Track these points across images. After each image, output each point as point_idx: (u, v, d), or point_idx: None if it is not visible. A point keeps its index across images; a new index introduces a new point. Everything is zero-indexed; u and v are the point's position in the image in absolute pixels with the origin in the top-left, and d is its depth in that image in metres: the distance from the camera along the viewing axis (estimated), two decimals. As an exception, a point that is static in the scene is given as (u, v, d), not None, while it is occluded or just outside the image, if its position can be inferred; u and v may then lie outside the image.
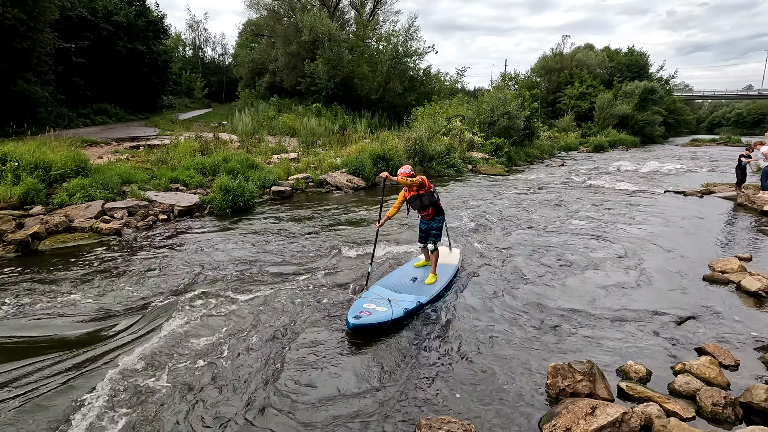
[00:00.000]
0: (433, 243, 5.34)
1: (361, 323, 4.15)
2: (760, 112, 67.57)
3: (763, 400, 3.11)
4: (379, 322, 4.20)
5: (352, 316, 4.21)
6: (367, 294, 4.76)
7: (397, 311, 4.35)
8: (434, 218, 5.43)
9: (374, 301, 4.55)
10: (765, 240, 7.80)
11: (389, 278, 5.36)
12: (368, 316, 4.23)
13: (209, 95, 43.37)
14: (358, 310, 4.34)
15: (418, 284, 5.20)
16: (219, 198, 9.40)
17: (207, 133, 17.31)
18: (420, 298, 4.77)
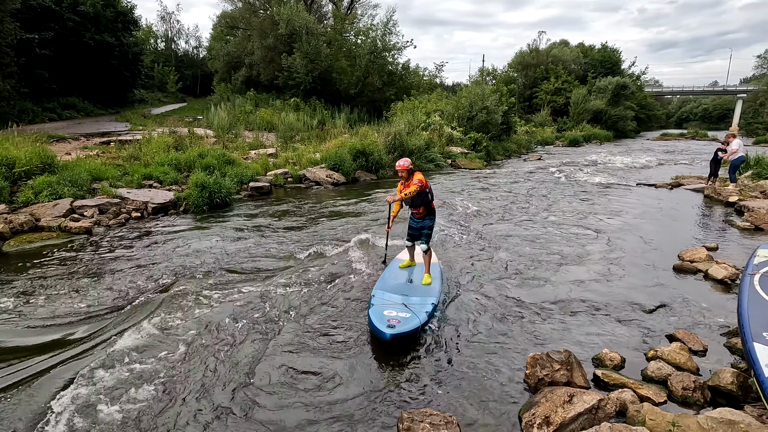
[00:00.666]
0: (426, 243, 5.13)
1: (399, 333, 3.79)
2: (724, 107, 70.40)
3: (729, 383, 3.25)
4: (413, 328, 3.91)
5: (384, 327, 3.82)
6: (377, 301, 4.41)
7: (422, 316, 4.10)
8: (426, 217, 5.20)
9: (392, 307, 4.24)
10: (730, 230, 8.14)
11: (385, 282, 5.02)
12: (400, 324, 3.88)
13: (183, 89, 42.17)
14: (384, 320, 3.94)
15: (418, 286, 4.92)
16: (195, 194, 9.18)
17: (181, 128, 16.87)
18: (430, 299, 4.52)
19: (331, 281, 5.46)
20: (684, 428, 2.69)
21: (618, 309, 4.77)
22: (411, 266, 5.49)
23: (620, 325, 4.41)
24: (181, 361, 3.69)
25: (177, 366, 3.61)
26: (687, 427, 2.70)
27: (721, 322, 4.44)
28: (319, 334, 4.21)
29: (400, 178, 5.11)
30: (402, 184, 5.12)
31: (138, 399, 3.20)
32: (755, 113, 48.26)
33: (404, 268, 5.45)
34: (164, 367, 3.60)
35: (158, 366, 3.60)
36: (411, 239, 5.44)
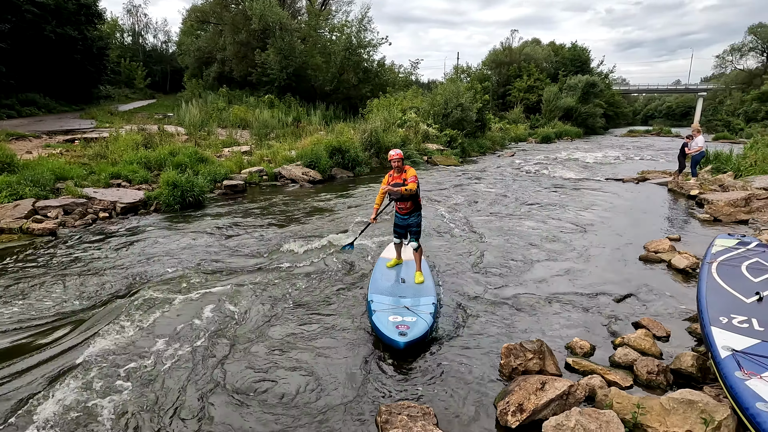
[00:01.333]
0: (416, 241, 4.99)
1: (412, 339, 3.67)
2: (686, 105, 73.51)
3: (689, 366, 3.42)
4: (424, 332, 3.80)
5: (396, 335, 3.68)
6: (377, 306, 4.21)
7: (428, 318, 3.99)
8: (413, 213, 5.01)
9: (394, 312, 4.10)
10: (692, 221, 8.54)
11: (377, 284, 4.80)
12: (410, 330, 3.76)
13: (152, 85, 40.85)
14: (392, 327, 3.81)
15: (412, 286, 4.78)
16: (166, 193, 8.94)
17: (151, 126, 16.37)
18: (430, 299, 4.41)
19: (308, 279, 5.44)
20: (648, 410, 2.83)
21: (588, 299, 4.94)
22: (398, 265, 5.33)
23: (590, 314, 4.57)
24: (153, 363, 3.60)
25: (150, 368, 3.53)
26: (650, 408, 2.84)
27: (683, 308, 4.66)
28: (295, 331, 4.19)
29: (393, 168, 4.89)
30: (391, 176, 4.92)
31: (105, 406, 3.11)
32: (714, 111, 50.67)
33: (392, 268, 5.27)
34: (136, 370, 3.51)
35: (129, 370, 3.51)
36: (398, 237, 5.22)
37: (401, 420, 2.78)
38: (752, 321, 3.28)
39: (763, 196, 9.29)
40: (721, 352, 2.97)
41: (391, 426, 2.76)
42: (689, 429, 2.65)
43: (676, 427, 2.70)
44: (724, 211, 8.53)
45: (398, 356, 3.74)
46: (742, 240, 5.07)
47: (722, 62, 56.76)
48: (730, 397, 2.68)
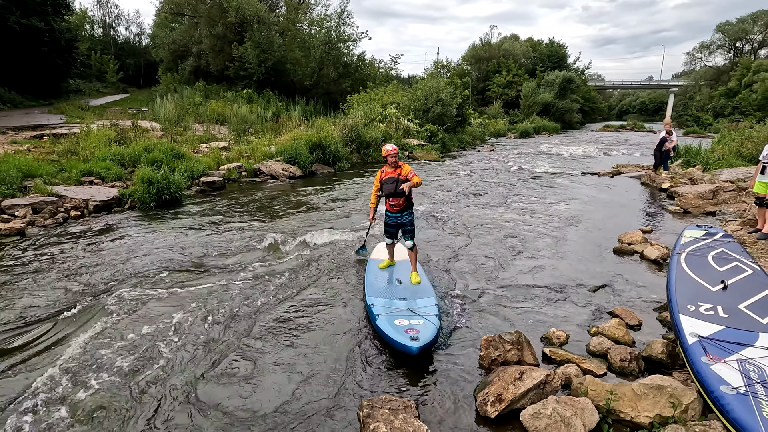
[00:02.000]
0: (411, 239, 4.87)
1: (425, 344, 3.54)
2: (659, 101, 75.67)
3: (660, 353, 3.56)
4: (435, 335, 3.69)
5: (407, 340, 3.54)
6: (379, 310, 4.09)
7: (434, 319, 3.89)
8: (405, 211, 4.89)
9: (399, 315, 3.98)
10: (663, 213, 8.83)
11: (374, 287, 4.68)
12: (421, 334, 3.64)
13: (125, 79, 39.57)
14: (401, 331, 3.68)
15: (410, 287, 4.69)
16: (141, 191, 8.71)
17: (124, 121, 15.90)
18: (432, 299, 4.33)
19: (290, 276, 5.40)
20: (620, 396, 2.93)
21: (565, 290, 5.07)
22: (391, 266, 5.19)
23: (567, 305, 4.69)
24: (127, 367, 3.53)
25: (124, 371, 3.46)
26: (623, 394, 2.94)
27: (654, 298, 4.83)
28: (275, 329, 4.16)
29: (387, 164, 4.79)
30: (384, 171, 4.82)
31: (85, 406, 3.04)
32: (685, 106, 52.36)
33: (385, 269, 5.15)
34: (109, 372, 3.43)
35: (102, 373, 3.43)
36: (390, 236, 5.08)
37: (383, 414, 2.81)
38: (717, 308, 3.43)
39: (729, 188, 9.68)
40: (688, 339, 3.10)
41: (372, 420, 2.78)
42: (659, 413, 2.76)
43: (646, 411, 2.80)
44: (694, 203, 8.85)
45: (411, 362, 3.59)
46: (709, 231, 5.28)
47: (692, 59, 58.72)
48: (696, 381, 2.80)
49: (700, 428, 2.46)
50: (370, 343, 3.95)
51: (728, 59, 52.73)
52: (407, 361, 3.64)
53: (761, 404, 2.41)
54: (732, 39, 52.20)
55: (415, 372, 3.53)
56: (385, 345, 3.87)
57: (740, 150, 13.12)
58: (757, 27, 50.18)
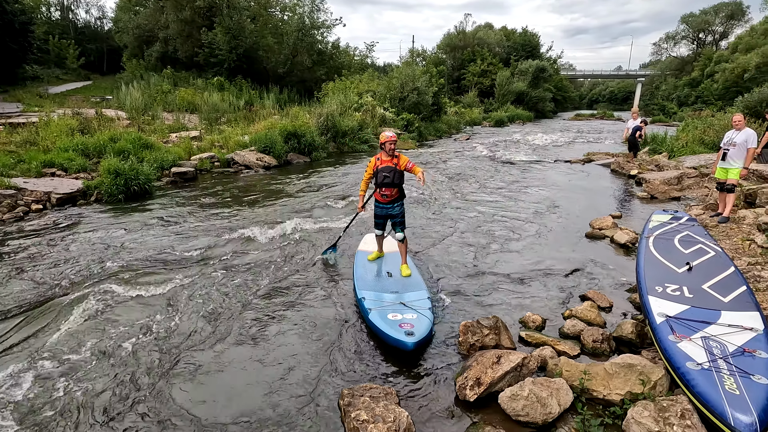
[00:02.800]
0: (401, 231, 4.75)
1: (421, 339, 3.47)
2: (627, 90, 77.86)
3: (629, 333, 3.70)
4: (430, 330, 3.64)
5: (402, 335, 3.44)
6: (371, 304, 3.99)
7: (427, 313, 3.82)
8: (396, 202, 4.74)
9: (392, 309, 3.89)
10: (632, 199, 9.14)
11: (364, 280, 4.56)
12: (416, 329, 3.55)
13: (87, 65, 37.59)
14: (395, 326, 3.59)
15: (400, 279, 4.58)
16: (108, 182, 8.36)
17: (87, 110, 15.16)
18: (423, 293, 4.25)
19: (268, 269, 5.32)
20: (593, 375, 3.04)
21: (539, 275, 5.19)
22: (380, 258, 5.11)
23: (541, 290, 4.81)
24: (95, 366, 3.41)
25: (91, 371, 3.34)
26: (596, 373, 3.05)
27: (624, 280, 5.01)
28: (253, 323, 4.10)
29: (383, 151, 4.64)
30: (379, 159, 4.66)
31: (53, 408, 2.92)
32: (651, 95, 54.06)
33: (374, 261, 5.05)
34: (76, 372, 3.30)
35: (68, 373, 3.30)
36: (380, 228, 4.95)
37: (364, 401, 2.82)
38: (683, 289, 3.58)
39: (693, 174, 10.09)
40: (656, 319, 3.22)
41: (353, 408, 2.79)
42: (629, 390, 2.87)
43: (618, 389, 2.91)
44: (660, 189, 9.19)
45: (406, 359, 3.52)
46: (675, 215, 5.49)
47: (658, 50, 60.55)
48: (664, 359, 2.93)
49: (668, 403, 2.58)
50: (351, 334, 3.94)
51: (692, 50, 54.61)
52: (390, 352, 3.65)
53: (723, 378, 2.54)
54: (695, 30, 54.04)
55: (395, 360, 3.55)
56: (372, 336, 3.86)
57: (703, 138, 13.69)
58: (719, 19, 52.08)
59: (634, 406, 2.66)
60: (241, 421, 2.85)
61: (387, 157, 4.62)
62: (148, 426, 2.79)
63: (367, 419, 2.65)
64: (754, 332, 2.94)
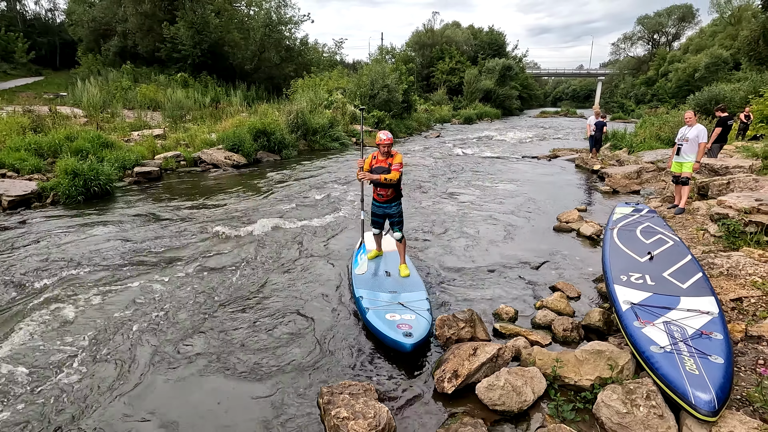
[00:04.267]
0: (399, 230, 4.70)
1: (420, 340, 3.41)
2: (589, 88, 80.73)
3: (597, 321, 3.86)
4: (428, 331, 3.57)
5: (400, 336, 3.39)
6: (368, 303, 3.95)
7: (426, 314, 3.76)
8: (392, 202, 4.68)
9: (390, 309, 3.84)
10: (595, 193, 9.52)
11: (363, 279, 4.52)
12: (414, 330, 3.50)
13: (38, 60, 35.52)
14: (394, 326, 3.54)
15: (399, 279, 4.52)
16: (65, 183, 7.94)
17: (40, 107, 14.33)
18: (422, 293, 4.19)
19: (237, 269, 5.20)
20: (565, 362, 3.15)
21: (510, 268, 5.32)
22: (379, 257, 5.03)
23: (514, 282, 4.94)
24: (56, 372, 3.25)
25: (48, 384, 3.18)
26: (567, 361, 3.16)
27: (591, 270, 5.22)
28: (224, 323, 4.01)
29: (378, 151, 4.58)
30: (375, 158, 4.58)
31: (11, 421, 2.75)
32: (611, 93, 56.36)
33: (372, 260, 4.97)
34: (33, 387, 3.13)
35: (32, 378, 3.13)
36: (377, 227, 4.88)
37: (343, 399, 2.81)
38: (646, 277, 3.77)
39: (651, 168, 10.61)
40: (622, 306, 3.38)
41: (333, 406, 2.77)
42: (599, 375, 3.00)
43: (588, 374, 3.04)
44: (621, 183, 9.61)
45: (404, 360, 3.48)
46: (636, 207, 5.76)
47: (617, 49, 63.20)
48: (630, 344, 3.07)
49: (634, 385, 2.71)
50: (328, 331, 3.91)
51: (647, 50, 57.29)
52: (365, 347, 3.66)
53: (684, 359, 2.69)
54: (650, 31, 56.71)
55: (374, 356, 3.56)
56: (354, 333, 3.86)
57: (659, 134, 14.41)
58: (671, 21, 54.88)
59: (604, 390, 2.78)
60: (221, 423, 2.78)
61: (383, 157, 4.56)
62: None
63: (348, 416, 2.65)
64: (710, 315, 3.13)
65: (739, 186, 6.90)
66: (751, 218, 5.15)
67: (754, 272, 4.14)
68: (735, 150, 10.59)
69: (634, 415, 2.55)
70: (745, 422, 2.38)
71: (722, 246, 5.15)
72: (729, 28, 38.25)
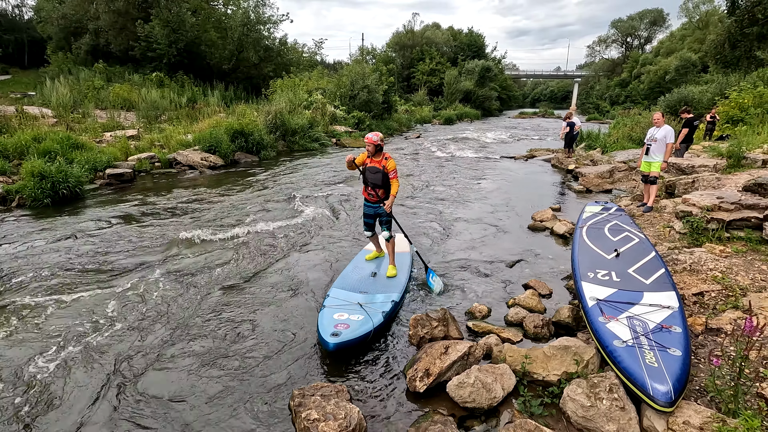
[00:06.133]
0: (387, 230, 4.66)
1: (343, 341, 3.38)
2: (566, 89, 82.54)
3: (566, 317, 3.95)
4: (361, 335, 3.50)
5: (328, 335, 3.40)
6: (331, 302, 3.98)
7: (377, 318, 3.71)
8: (383, 202, 4.63)
9: (344, 308, 3.84)
10: (569, 192, 9.73)
11: (345, 277, 4.55)
12: (347, 330, 3.49)
13: (5, 58, 34.17)
14: (331, 325, 3.54)
15: (381, 279, 4.53)
16: (32, 186, 7.69)
17: (6, 106, 13.81)
18: (391, 296, 4.14)
19: (212, 272, 5.13)
20: (534, 359, 3.22)
21: (485, 267, 5.39)
22: (379, 258, 5.02)
23: (487, 280, 5.01)
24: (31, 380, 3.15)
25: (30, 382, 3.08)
26: (536, 357, 3.23)
27: (562, 268, 5.33)
28: (194, 327, 3.95)
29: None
30: (369, 158, 4.56)
31: (-32, 434, 2.66)
32: (587, 95, 57.69)
33: (371, 261, 5.00)
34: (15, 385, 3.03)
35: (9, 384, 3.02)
36: (368, 228, 4.86)
37: (314, 401, 2.80)
38: (612, 273, 3.88)
39: (623, 168, 10.91)
40: (588, 302, 3.47)
41: (304, 408, 2.77)
42: (565, 370, 3.08)
43: (555, 370, 3.11)
44: (594, 182, 9.85)
45: (329, 357, 3.53)
46: (605, 206, 5.92)
47: (592, 52, 64.59)
48: (594, 339, 3.16)
49: (598, 379, 2.79)
50: (289, 335, 3.89)
51: (621, 53, 58.84)
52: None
53: (644, 353, 2.78)
54: (624, 34, 58.26)
55: (348, 357, 3.56)
56: None
57: (631, 134, 14.84)
58: (643, 24, 56.49)
59: (569, 385, 2.85)
60: (192, 428, 2.74)
61: (377, 159, 4.52)
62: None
63: (318, 418, 2.65)
64: (670, 310, 3.24)
65: (703, 185, 7.17)
66: (713, 215, 5.36)
67: (715, 267, 4.31)
68: (702, 150, 10.99)
69: (598, 408, 2.63)
70: (699, 411, 2.48)
71: (686, 242, 5.34)
72: (697, 32, 39.71)
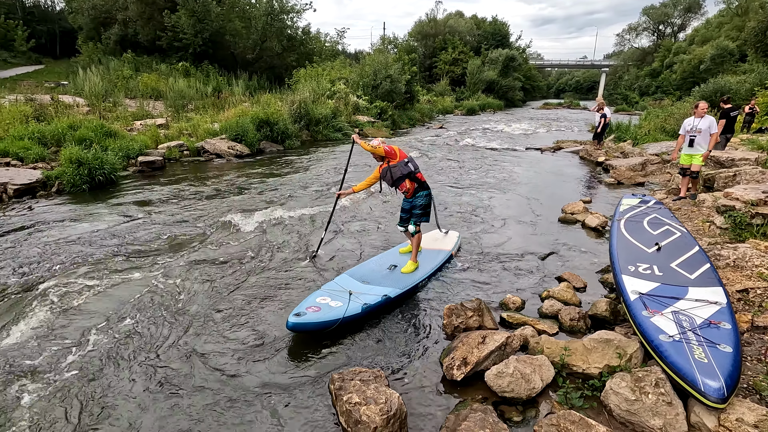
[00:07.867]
0: (414, 224, 4.57)
1: (300, 322, 3.42)
2: (592, 80, 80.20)
3: (604, 311, 3.88)
4: (324, 321, 3.50)
5: (293, 313, 3.49)
6: (328, 285, 4.07)
7: (354, 308, 3.69)
8: (417, 194, 4.60)
9: (331, 294, 3.88)
10: (600, 185, 9.49)
11: (363, 266, 4.59)
12: (314, 314, 3.54)
13: (38, 49, 35.25)
14: (305, 306, 3.65)
15: (395, 274, 4.51)
16: (70, 172, 7.95)
17: (42, 95, 14.28)
18: (388, 291, 4.07)
19: (244, 257, 5.23)
20: (572, 351, 3.18)
21: (517, 259, 5.33)
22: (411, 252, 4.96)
23: (520, 273, 4.95)
24: (69, 362, 3.28)
25: (60, 371, 3.22)
26: (575, 350, 3.19)
27: (596, 261, 5.23)
28: (233, 314, 4.04)
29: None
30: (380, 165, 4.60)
31: (17, 416, 2.80)
32: (615, 85, 55.91)
33: (404, 254, 5.02)
34: (43, 371, 3.17)
35: (33, 373, 3.17)
36: (402, 223, 4.81)
37: (354, 385, 2.84)
38: (653, 267, 3.78)
39: (656, 161, 10.57)
40: (630, 296, 3.39)
41: (345, 392, 2.81)
42: (607, 363, 3.03)
43: (596, 363, 3.06)
44: (626, 175, 9.58)
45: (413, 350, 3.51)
46: (643, 199, 5.76)
47: (621, 40, 62.46)
48: (638, 333, 3.09)
49: (643, 373, 2.73)
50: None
51: (652, 41, 56.66)
52: (375, 335, 3.69)
53: (693, 348, 2.71)
54: (656, 22, 56.03)
55: (383, 343, 3.59)
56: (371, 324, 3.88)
57: (664, 126, 14.32)
58: (677, 11, 54.16)
59: (612, 378, 2.80)
60: (231, 408, 2.82)
61: (385, 164, 4.53)
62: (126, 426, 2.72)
63: (359, 401, 2.68)
64: (718, 305, 3.14)
65: (745, 178, 6.89)
66: (758, 210, 5.15)
67: (761, 264, 4.15)
68: (740, 143, 10.54)
69: (643, 402, 2.58)
70: (753, 409, 2.41)
71: (728, 238, 5.16)
72: (736, 19, 37.81)
